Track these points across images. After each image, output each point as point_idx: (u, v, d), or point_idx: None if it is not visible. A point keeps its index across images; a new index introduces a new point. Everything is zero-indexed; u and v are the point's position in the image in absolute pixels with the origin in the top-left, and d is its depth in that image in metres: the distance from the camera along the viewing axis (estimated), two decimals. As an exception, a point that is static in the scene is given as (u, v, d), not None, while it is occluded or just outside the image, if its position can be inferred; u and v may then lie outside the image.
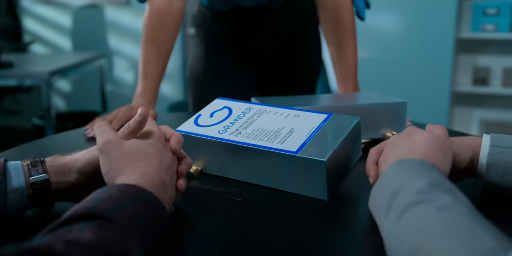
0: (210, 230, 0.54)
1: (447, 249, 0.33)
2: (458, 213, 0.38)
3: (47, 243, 0.33)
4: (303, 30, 1.26)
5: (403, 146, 0.52)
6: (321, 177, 0.59)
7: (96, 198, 0.42)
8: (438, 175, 0.45)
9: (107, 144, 0.51)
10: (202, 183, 0.66)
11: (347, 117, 0.67)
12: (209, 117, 0.71)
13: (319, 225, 0.55)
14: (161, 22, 1.03)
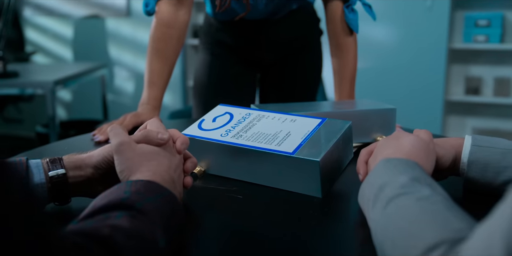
0: (214, 224, 0.59)
1: (423, 230, 0.39)
2: (434, 202, 0.43)
3: (94, 227, 0.39)
4: (303, 41, 1.31)
5: (390, 147, 0.58)
6: (315, 176, 0.64)
7: (125, 191, 0.47)
8: (420, 172, 0.50)
9: (121, 145, 0.57)
10: (206, 182, 0.71)
11: (339, 121, 0.73)
12: (212, 122, 0.77)
13: (313, 219, 0.60)
14: (167, 33, 1.09)
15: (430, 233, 0.38)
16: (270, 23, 1.22)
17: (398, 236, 0.41)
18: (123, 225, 0.41)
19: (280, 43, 1.27)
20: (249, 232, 0.57)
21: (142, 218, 0.44)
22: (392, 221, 0.44)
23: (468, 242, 0.33)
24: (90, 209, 0.45)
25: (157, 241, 0.44)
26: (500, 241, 0.29)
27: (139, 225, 0.43)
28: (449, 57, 2.80)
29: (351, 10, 1.14)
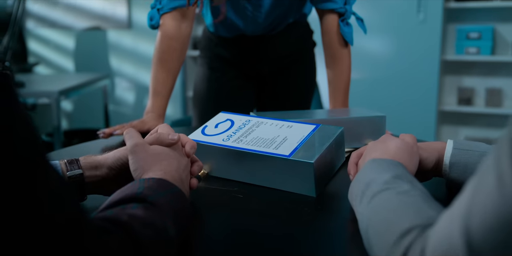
0: (216, 221, 0.65)
1: (399, 217, 0.44)
2: (412, 195, 0.49)
3: (114, 214, 0.45)
4: (299, 54, 1.37)
5: (378, 150, 0.64)
6: (309, 176, 0.70)
7: (139, 187, 0.53)
8: (402, 171, 0.56)
9: (135, 146, 0.63)
10: (209, 183, 0.77)
11: (332, 127, 0.79)
12: (214, 128, 0.83)
13: (308, 215, 0.66)
14: (171, 46, 1.16)
15: (405, 220, 0.43)
16: (267, 38, 1.29)
17: (379, 224, 0.47)
18: (138, 214, 0.47)
19: (277, 57, 1.34)
20: (249, 228, 0.62)
21: (154, 209, 0.50)
22: (375, 212, 0.50)
23: (435, 226, 0.39)
24: (108, 202, 0.51)
25: (167, 230, 0.49)
26: (459, 224, 0.35)
27: (152, 215, 0.49)
28: (442, 69, 2.87)
29: (346, 24, 1.21)
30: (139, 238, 0.44)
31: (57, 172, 0.37)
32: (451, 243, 0.35)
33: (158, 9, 1.17)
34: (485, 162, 0.35)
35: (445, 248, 0.35)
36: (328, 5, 1.16)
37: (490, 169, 0.34)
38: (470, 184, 0.36)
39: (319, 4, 1.17)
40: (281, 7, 1.21)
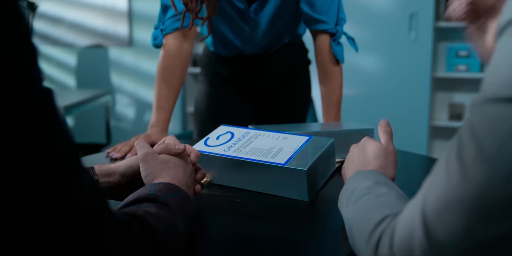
0: (218, 223, 0.72)
1: (375, 212, 0.51)
2: (389, 196, 0.56)
3: (132, 210, 0.52)
4: (294, 72, 1.45)
5: (359, 160, 0.69)
6: (303, 183, 0.77)
7: (150, 190, 0.60)
8: (382, 177, 0.63)
9: (146, 155, 0.70)
10: (211, 190, 0.84)
11: (324, 139, 0.86)
12: (216, 139, 0.90)
13: (301, 217, 0.73)
14: (173, 63, 1.24)
15: (380, 213, 0.50)
16: (264, 57, 1.37)
17: (360, 220, 0.54)
18: (152, 211, 0.54)
19: (273, 75, 1.41)
20: (248, 229, 0.69)
21: (165, 208, 0.57)
22: (357, 212, 0.56)
23: (401, 213, 0.46)
24: (125, 203, 0.58)
25: (177, 225, 0.56)
26: (418, 209, 0.42)
27: (163, 213, 0.56)
28: (433, 85, 2.96)
29: (337, 43, 1.28)
30: (154, 230, 0.51)
31: (89, 173, 0.44)
32: (412, 225, 0.42)
33: (161, 30, 1.25)
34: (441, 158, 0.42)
35: (408, 230, 0.42)
36: (320, 26, 1.24)
37: (442, 162, 0.41)
38: (428, 177, 0.44)
39: (312, 25, 1.25)
40: (277, 28, 1.29)
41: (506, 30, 0.38)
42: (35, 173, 0.37)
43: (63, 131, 0.40)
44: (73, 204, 0.40)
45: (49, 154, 0.38)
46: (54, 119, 0.39)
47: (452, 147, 0.40)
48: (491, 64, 0.39)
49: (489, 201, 0.37)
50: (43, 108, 0.39)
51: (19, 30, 0.38)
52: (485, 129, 0.38)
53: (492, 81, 0.38)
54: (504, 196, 0.37)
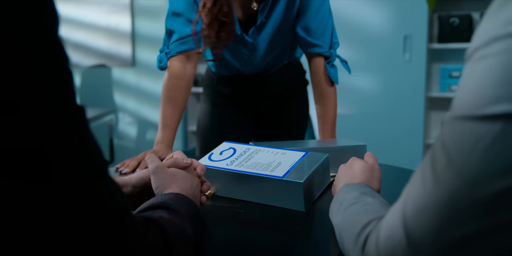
0: (221, 231, 0.78)
1: (361, 217, 0.58)
2: (374, 204, 0.62)
3: (148, 215, 0.59)
4: (292, 91, 1.52)
5: (347, 175, 0.77)
6: (299, 194, 0.84)
7: (161, 199, 0.67)
8: (367, 189, 0.69)
9: (157, 168, 0.77)
10: (215, 202, 0.91)
11: (319, 154, 0.94)
12: (219, 155, 0.98)
13: (298, 226, 0.79)
14: (177, 84, 1.31)
15: (366, 217, 0.57)
16: (263, 77, 1.45)
17: (348, 226, 0.60)
18: (164, 216, 0.61)
19: (272, 94, 1.49)
20: (249, 237, 0.75)
21: (176, 214, 0.64)
22: (345, 219, 0.62)
23: (385, 217, 0.52)
24: (138, 210, 0.65)
25: (186, 230, 0.63)
26: (398, 212, 0.48)
27: (174, 218, 0.62)
28: (427, 105, 3.04)
29: (332, 66, 1.36)
30: (167, 232, 0.57)
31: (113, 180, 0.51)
32: (394, 226, 0.48)
33: (166, 53, 1.33)
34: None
35: (391, 230, 0.49)
36: (315, 50, 1.32)
37: (418, 171, 0.48)
38: (407, 184, 0.51)
39: (307, 48, 1.34)
40: (275, 51, 1.38)
41: (472, 57, 0.44)
42: (70, 181, 0.43)
43: (93, 145, 0.47)
44: (101, 207, 0.46)
45: (81, 165, 0.44)
46: (86, 134, 0.46)
47: (426, 158, 0.47)
48: (459, 87, 0.46)
49: (458, 205, 0.43)
50: (76, 125, 0.45)
51: (61, 55, 0.45)
52: (454, 142, 0.44)
53: (460, 101, 0.44)
54: (470, 200, 0.43)
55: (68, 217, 0.43)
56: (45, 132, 0.40)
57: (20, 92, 0.39)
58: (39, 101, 0.40)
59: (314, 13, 1.29)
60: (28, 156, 0.39)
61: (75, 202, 0.43)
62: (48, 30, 0.42)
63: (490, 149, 0.41)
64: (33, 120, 0.39)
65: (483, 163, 0.41)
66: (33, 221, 0.41)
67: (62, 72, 0.44)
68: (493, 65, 0.40)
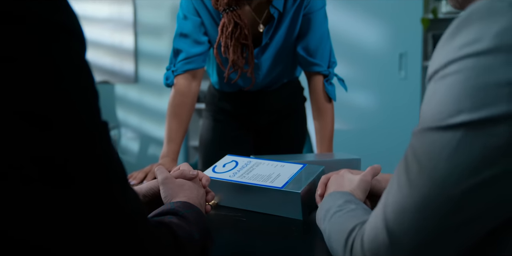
0: (224, 238, 0.84)
1: (347, 224, 0.63)
2: (357, 210, 0.68)
3: (159, 219, 0.65)
4: (291, 108, 1.60)
5: (336, 184, 0.83)
6: (297, 203, 0.90)
7: (170, 206, 0.73)
8: (351, 197, 0.74)
9: (165, 179, 0.83)
10: (219, 211, 0.97)
11: (315, 166, 1.00)
12: (222, 167, 1.04)
13: (295, 232, 0.86)
14: (183, 101, 1.39)
15: (350, 223, 0.62)
16: (264, 93, 1.53)
17: (335, 231, 0.65)
18: (174, 221, 0.67)
19: (272, 110, 1.57)
20: (250, 243, 0.81)
21: (184, 220, 0.70)
22: (333, 226, 0.68)
23: (368, 220, 0.58)
24: (150, 216, 0.71)
25: (193, 234, 0.69)
26: (380, 213, 0.54)
27: (183, 223, 0.68)
28: (423, 121, 3.11)
29: (330, 83, 1.44)
30: (177, 236, 0.63)
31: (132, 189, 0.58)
32: (377, 228, 0.54)
33: (172, 71, 1.41)
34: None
35: (374, 232, 0.54)
36: (314, 68, 1.40)
37: (394, 177, 0.54)
38: (385, 190, 0.57)
39: (307, 67, 1.42)
40: (276, 70, 1.46)
41: (433, 77, 0.51)
42: (92, 187, 0.49)
43: (114, 155, 0.53)
44: (119, 210, 0.52)
45: (102, 173, 0.50)
46: (107, 146, 0.53)
47: (401, 166, 0.54)
48: (424, 103, 0.53)
49: (431, 204, 0.49)
50: (99, 138, 0.51)
51: (86, 76, 0.51)
52: (424, 150, 0.50)
53: (427, 115, 0.50)
54: (441, 200, 0.49)
55: (89, 218, 0.49)
56: (71, 144, 0.46)
57: (51, 109, 0.45)
58: (67, 117, 0.46)
59: (314, 34, 1.37)
60: (56, 164, 0.45)
61: (96, 205, 0.49)
62: (74, 54, 0.48)
63: (455, 154, 0.47)
64: (61, 134, 0.45)
65: (450, 167, 0.47)
66: (57, 221, 0.46)
67: (87, 91, 0.49)
68: (451, 83, 0.48)
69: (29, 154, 0.43)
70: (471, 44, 0.47)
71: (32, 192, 0.44)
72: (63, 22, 0.46)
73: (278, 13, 1.32)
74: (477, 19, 0.47)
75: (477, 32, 0.47)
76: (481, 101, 0.45)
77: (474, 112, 0.46)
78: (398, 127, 3.05)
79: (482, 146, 0.46)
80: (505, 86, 0.45)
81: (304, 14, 1.35)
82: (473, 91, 0.46)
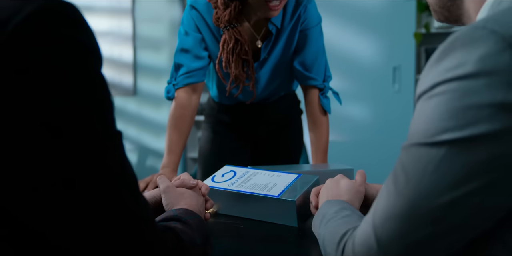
0: (223, 244, 0.88)
1: (340, 228, 0.66)
2: (351, 216, 0.72)
3: (164, 224, 0.69)
4: (288, 120, 1.65)
5: (332, 190, 0.87)
6: (292, 211, 0.95)
7: (173, 213, 0.78)
8: (346, 204, 0.79)
9: (167, 188, 0.88)
10: (218, 218, 1.02)
11: (310, 176, 1.05)
12: (221, 177, 1.09)
13: (291, 238, 0.90)
14: (183, 113, 1.43)
15: (344, 228, 0.67)
16: (262, 106, 1.58)
17: (329, 236, 0.69)
18: (178, 226, 0.71)
19: (270, 121, 1.62)
20: (248, 249, 0.86)
21: (187, 226, 0.74)
22: (327, 230, 0.72)
23: (359, 226, 0.63)
24: (157, 220, 0.75)
25: (195, 239, 0.73)
26: (370, 219, 0.59)
27: (186, 228, 0.73)
28: (417, 133, 3.17)
29: (325, 97, 1.50)
30: (182, 239, 0.68)
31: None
32: (367, 233, 0.58)
33: (173, 85, 1.46)
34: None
35: (364, 237, 0.58)
36: (310, 82, 1.46)
37: (384, 187, 0.59)
38: (376, 198, 0.61)
39: (303, 81, 1.48)
40: (274, 84, 1.51)
41: (421, 97, 0.56)
42: (107, 193, 0.53)
43: (126, 163, 0.58)
44: (130, 214, 0.57)
45: (117, 181, 0.54)
46: (120, 154, 0.57)
47: (390, 177, 0.59)
48: (413, 120, 0.58)
49: (416, 213, 0.53)
50: (113, 147, 0.56)
51: (102, 89, 0.55)
52: (411, 163, 0.54)
53: (415, 132, 0.55)
54: (425, 210, 0.53)
55: (103, 221, 0.53)
56: (87, 153, 0.50)
57: (68, 120, 0.49)
58: (83, 128, 0.50)
59: (310, 50, 1.43)
60: (74, 171, 0.50)
61: (109, 209, 0.53)
62: (91, 68, 0.51)
63: (439, 168, 0.51)
64: (78, 144, 0.50)
65: (434, 180, 0.52)
66: (74, 223, 0.51)
67: (102, 103, 0.53)
68: (437, 103, 0.52)
69: (49, 162, 0.48)
70: (455, 68, 0.51)
71: (53, 197, 0.49)
72: (80, 38, 0.50)
73: (276, 29, 1.38)
74: (460, 46, 0.52)
75: (460, 57, 0.51)
76: (465, 121, 0.50)
77: (458, 131, 0.50)
78: (392, 138, 3.11)
79: (464, 162, 0.50)
80: (486, 107, 0.49)
81: (300, 30, 1.42)
82: (457, 112, 0.50)
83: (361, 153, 3.17)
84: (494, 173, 0.50)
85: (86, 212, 0.51)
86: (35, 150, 0.47)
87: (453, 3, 0.69)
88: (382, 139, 3.14)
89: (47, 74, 0.47)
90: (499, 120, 0.49)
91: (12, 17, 0.46)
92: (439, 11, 0.72)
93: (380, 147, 3.14)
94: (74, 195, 0.50)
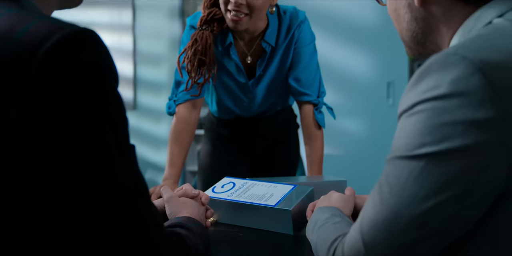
0: (223, 251, 0.94)
1: (331, 234, 0.72)
2: (341, 223, 0.78)
3: (170, 230, 0.75)
4: (284, 133, 1.72)
5: (324, 201, 0.94)
6: (288, 220, 1.01)
7: (177, 220, 0.83)
8: (337, 211, 0.85)
9: (170, 197, 0.94)
10: (217, 227, 1.07)
11: (305, 187, 1.11)
12: (221, 188, 1.15)
13: (287, 245, 0.96)
14: (184, 128, 1.50)
15: (334, 234, 0.72)
16: (259, 120, 1.65)
17: (321, 241, 0.74)
18: (183, 232, 0.77)
19: (268, 134, 1.69)
20: (246, 253, 0.92)
21: (190, 232, 0.80)
22: (319, 236, 0.78)
23: (348, 232, 0.68)
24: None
25: (199, 244, 0.79)
26: (358, 226, 0.64)
27: (190, 234, 0.79)
28: (411, 146, 3.23)
29: (319, 112, 1.57)
30: (187, 245, 0.73)
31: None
32: (355, 239, 0.63)
33: (174, 101, 1.53)
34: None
35: (352, 242, 0.63)
36: (305, 98, 1.53)
37: (370, 197, 0.64)
38: (363, 207, 0.67)
39: (298, 97, 1.55)
40: (271, 99, 1.59)
41: (402, 116, 0.62)
42: (123, 202, 0.58)
43: (138, 175, 0.63)
44: (144, 221, 0.61)
45: (131, 191, 0.59)
46: (133, 166, 0.63)
47: (375, 188, 0.64)
48: (396, 135, 0.64)
49: (399, 220, 0.59)
50: (125, 160, 0.62)
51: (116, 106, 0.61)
52: (394, 175, 0.60)
53: (396, 146, 0.62)
54: (408, 217, 0.58)
55: (118, 226, 0.58)
56: (102, 167, 0.56)
57: (85, 135, 0.55)
58: (99, 143, 0.57)
59: (304, 66, 1.51)
60: (92, 184, 0.56)
61: (124, 216, 0.58)
62: (108, 87, 0.57)
63: (419, 178, 0.57)
64: (93, 158, 0.56)
65: (415, 189, 0.58)
66: (92, 228, 0.57)
67: (117, 119, 0.59)
68: (416, 121, 0.59)
69: (71, 175, 0.54)
70: (431, 90, 0.57)
71: (75, 207, 0.55)
72: (98, 61, 0.56)
73: (270, 47, 1.45)
74: (435, 70, 0.58)
75: (435, 80, 0.57)
76: (441, 136, 0.56)
77: (435, 145, 0.56)
78: (385, 152, 3.07)
79: (441, 172, 0.56)
80: (459, 124, 0.55)
81: (295, 48, 1.49)
82: (434, 128, 0.57)
83: (355, 166, 3.23)
84: (467, 183, 0.56)
85: (104, 219, 0.57)
86: (57, 163, 0.53)
87: (425, 39, 0.74)
88: (376, 153, 3.20)
89: (69, 96, 0.53)
90: (470, 136, 0.55)
91: (42, 43, 0.52)
92: (414, 48, 0.78)
93: (374, 160, 3.19)
94: (92, 204, 0.55)
